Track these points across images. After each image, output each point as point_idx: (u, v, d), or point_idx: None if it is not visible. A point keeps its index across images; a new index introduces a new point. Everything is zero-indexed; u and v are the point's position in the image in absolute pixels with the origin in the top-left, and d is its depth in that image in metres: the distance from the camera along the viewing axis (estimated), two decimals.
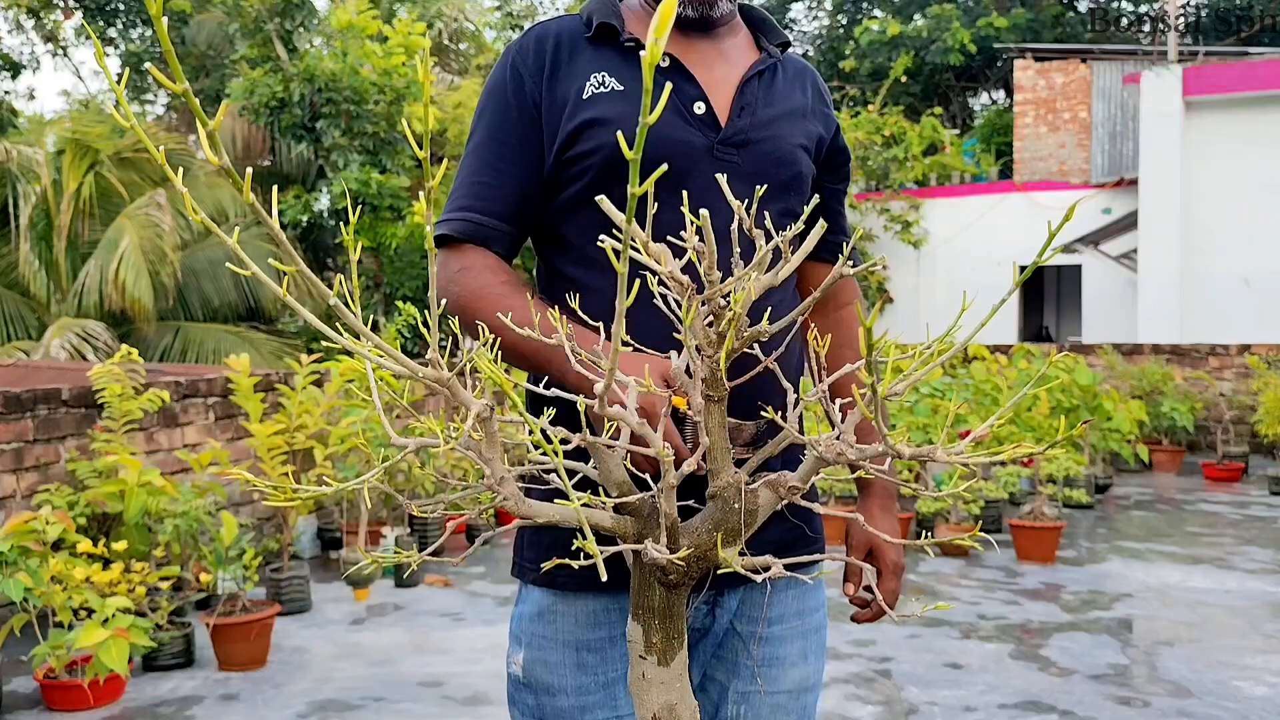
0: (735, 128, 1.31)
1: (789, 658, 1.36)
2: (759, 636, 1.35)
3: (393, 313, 11.14)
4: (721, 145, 1.30)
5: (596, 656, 1.29)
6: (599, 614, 1.29)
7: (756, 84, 1.35)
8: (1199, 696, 3.65)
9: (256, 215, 0.64)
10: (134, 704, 3.63)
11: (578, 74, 1.30)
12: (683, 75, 1.31)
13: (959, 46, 16.86)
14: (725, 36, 1.38)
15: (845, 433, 0.85)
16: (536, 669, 1.31)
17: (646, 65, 0.54)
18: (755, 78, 1.35)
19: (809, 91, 1.43)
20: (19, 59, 17.38)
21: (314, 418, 5.07)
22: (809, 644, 1.39)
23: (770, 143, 1.33)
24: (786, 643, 1.36)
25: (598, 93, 1.28)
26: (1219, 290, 12.02)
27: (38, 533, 3.45)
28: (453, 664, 4.04)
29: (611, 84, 1.29)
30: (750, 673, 1.34)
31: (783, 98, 1.38)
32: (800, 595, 1.39)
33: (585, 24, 1.34)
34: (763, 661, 1.35)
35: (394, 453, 4.14)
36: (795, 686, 1.37)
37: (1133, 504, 7.60)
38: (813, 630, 1.40)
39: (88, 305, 8.81)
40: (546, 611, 1.31)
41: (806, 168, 1.37)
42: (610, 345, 0.71)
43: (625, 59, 1.31)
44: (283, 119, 10.96)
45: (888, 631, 4.34)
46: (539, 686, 1.31)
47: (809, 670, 1.39)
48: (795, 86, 1.41)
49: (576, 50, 1.32)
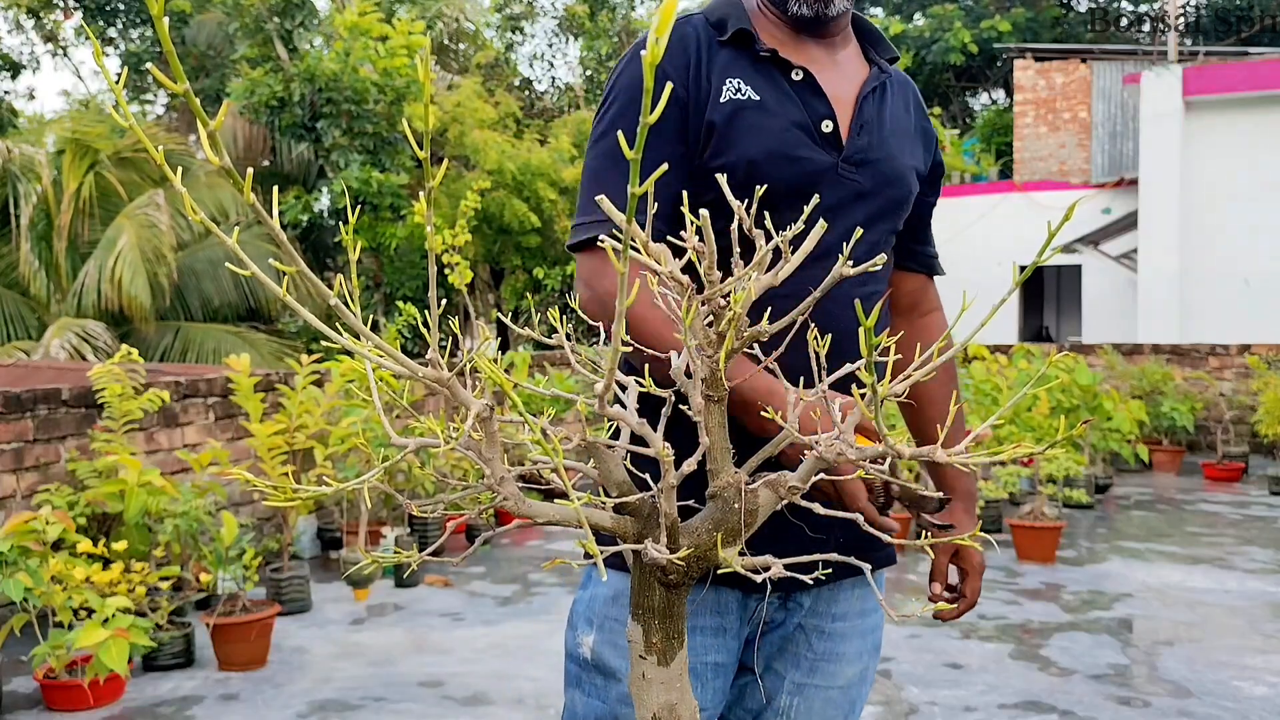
0: (855, 146, 1.31)
1: (848, 654, 1.40)
2: (824, 632, 1.39)
3: (393, 313, 11.15)
4: (844, 164, 1.30)
5: None
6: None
7: (872, 101, 1.35)
8: (1199, 696, 3.65)
9: (257, 215, 0.64)
10: (134, 704, 3.63)
11: (713, 76, 1.29)
12: (814, 92, 1.30)
13: (960, 46, 16.86)
14: (840, 46, 1.38)
15: (845, 432, 0.85)
16: (606, 651, 1.31)
17: (647, 66, 0.54)
18: (871, 94, 1.35)
19: (912, 107, 1.44)
20: (19, 59, 17.38)
21: (314, 418, 5.07)
22: (866, 642, 1.43)
23: (886, 163, 1.34)
24: (847, 640, 1.40)
25: (734, 99, 1.27)
26: (1219, 290, 12.02)
27: (38, 533, 3.45)
28: (453, 664, 4.04)
29: (748, 93, 1.28)
30: (810, 666, 1.38)
31: (894, 116, 1.38)
32: (864, 595, 1.42)
33: (715, 26, 1.32)
34: (823, 656, 1.38)
35: (394, 453, 4.14)
36: (849, 682, 1.41)
37: (1133, 504, 7.60)
38: (870, 630, 1.44)
39: (87, 305, 8.81)
40: (622, 595, 1.31)
41: (914, 186, 1.40)
42: (778, 390, 0.71)
43: (757, 68, 1.30)
44: (283, 119, 10.97)
45: (888, 631, 4.34)
46: (607, 670, 1.31)
47: (863, 667, 1.43)
48: (900, 103, 1.41)
49: (711, 52, 1.31)
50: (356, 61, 10.63)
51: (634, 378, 0.94)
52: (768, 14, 1.35)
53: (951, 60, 17.18)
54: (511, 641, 4.31)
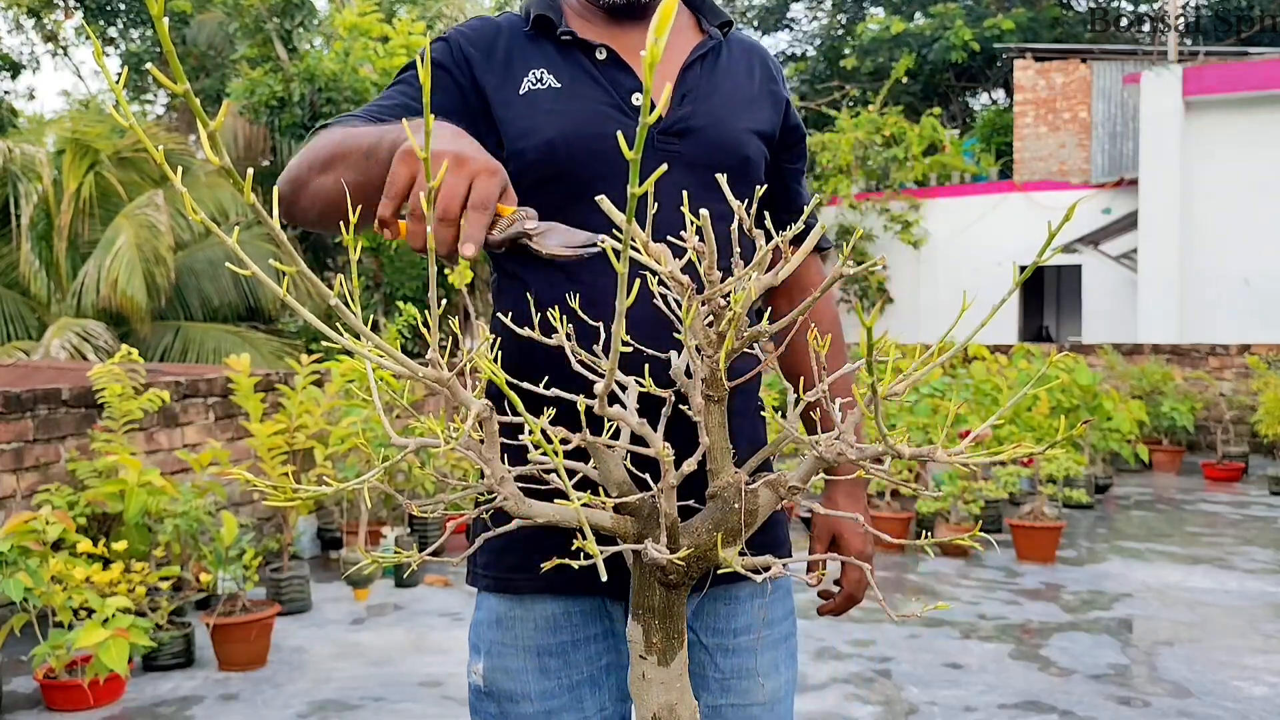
0: (675, 115, 1.27)
1: (760, 668, 1.32)
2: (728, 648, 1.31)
3: (393, 313, 11.15)
4: (662, 135, 1.26)
5: (559, 661, 1.26)
6: (559, 618, 1.27)
7: (699, 68, 1.31)
8: (1199, 696, 3.65)
9: (257, 215, 0.64)
10: (134, 704, 3.63)
11: (515, 69, 1.27)
12: (618, 67, 1.27)
13: (961, 45, 16.86)
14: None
15: (845, 432, 0.85)
16: (498, 677, 1.28)
17: (646, 66, 0.54)
18: (697, 62, 1.31)
19: (756, 71, 1.38)
20: (19, 59, 17.39)
21: (314, 418, 5.07)
22: (779, 653, 1.35)
23: (714, 129, 1.28)
24: (756, 654, 1.32)
25: (534, 90, 1.26)
26: (1219, 290, 12.02)
27: (38, 533, 3.45)
28: (453, 664, 4.04)
29: (549, 81, 1.26)
30: (720, 686, 1.31)
31: (727, 80, 1.33)
32: (769, 604, 1.35)
33: (524, 18, 1.31)
34: (733, 674, 1.31)
35: (394, 453, 4.14)
36: (769, 698, 1.33)
37: (1133, 504, 7.60)
38: (782, 639, 1.36)
39: (87, 305, 8.81)
40: (504, 618, 1.29)
41: (756, 151, 1.32)
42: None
43: (564, 55, 1.28)
44: (283, 119, 10.97)
45: (888, 631, 4.34)
46: (501, 694, 1.28)
47: (780, 681, 1.35)
48: (741, 67, 1.36)
49: (515, 45, 1.29)
50: (356, 61, 10.63)
51: (634, 378, 0.94)
52: (583, 3, 1.33)
53: (952, 59, 17.18)
54: None
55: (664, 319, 0.92)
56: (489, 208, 0.89)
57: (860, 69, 18.53)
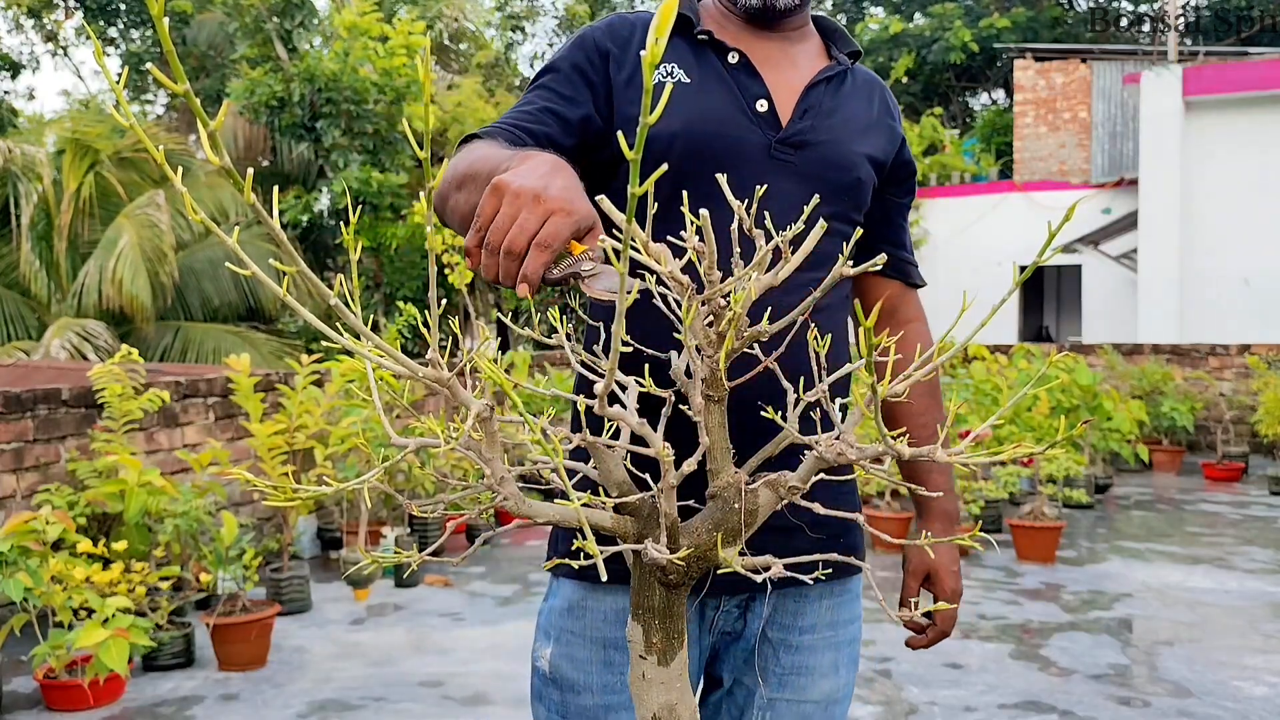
0: (795, 128, 1.30)
1: (820, 668, 1.34)
2: (791, 645, 1.33)
3: (393, 313, 11.15)
4: (779, 145, 1.29)
5: (624, 655, 1.26)
6: (629, 611, 1.29)
7: (823, 89, 1.34)
8: (1199, 696, 3.65)
9: (257, 215, 0.64)
10: (134, 704, 3.63)
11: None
12: (748, 72, 1.30)
13: (961, 45, 16.87)
14: (797, 41, 1.38)
15: (845, 432, 0.85)
16: (563, 665, 1.29)
17: (647, 65, 0.54)
18: (822, 83, 1.35)
19: (875, 103, 1.42)
20: (19, 59, 17.39)
21: (314, 418, 5.07)
22: (841, 655, 1.37)
23: (830, 147, 1.32)
24: (818, 652, 1.34)
25: (663, 80, 1.28)
26: (1219, 290, 12.02)
27: (38, 533, 3.45)
28: (453, 664, 4.04)
29: (679, 75, 1.29)
30: (778, 680, 1.33)
31: (848, 106, 1.37)
32: (835, 606, 1.37)
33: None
34: (792, 670, 1.33)
35: (394, 453, 4.14)
36: (824, 697, 1.35)
37: (1133, 504, 7.60)
38: (846, 642, 1.38)
39: (88, 305, 8.82)
40: (576, 606, 1.29)
41: (866, 175, 1.36)
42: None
43: (696, 53, 1.31)
44: (283, 119, 10.97)
45: (888, 631, 4.34)
46: (565, 683, 1.29)
47: (839, 682, 1.37)
48: (862, 97, 1.40)
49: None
50: (356, 61, 10.63)
51: (634, 378, 0.94)
52: (721, 8, 1.36)
53: (952, 59, 17.19)
54: (511, 641, 4.31)
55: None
56: (552, 247, 0.91)
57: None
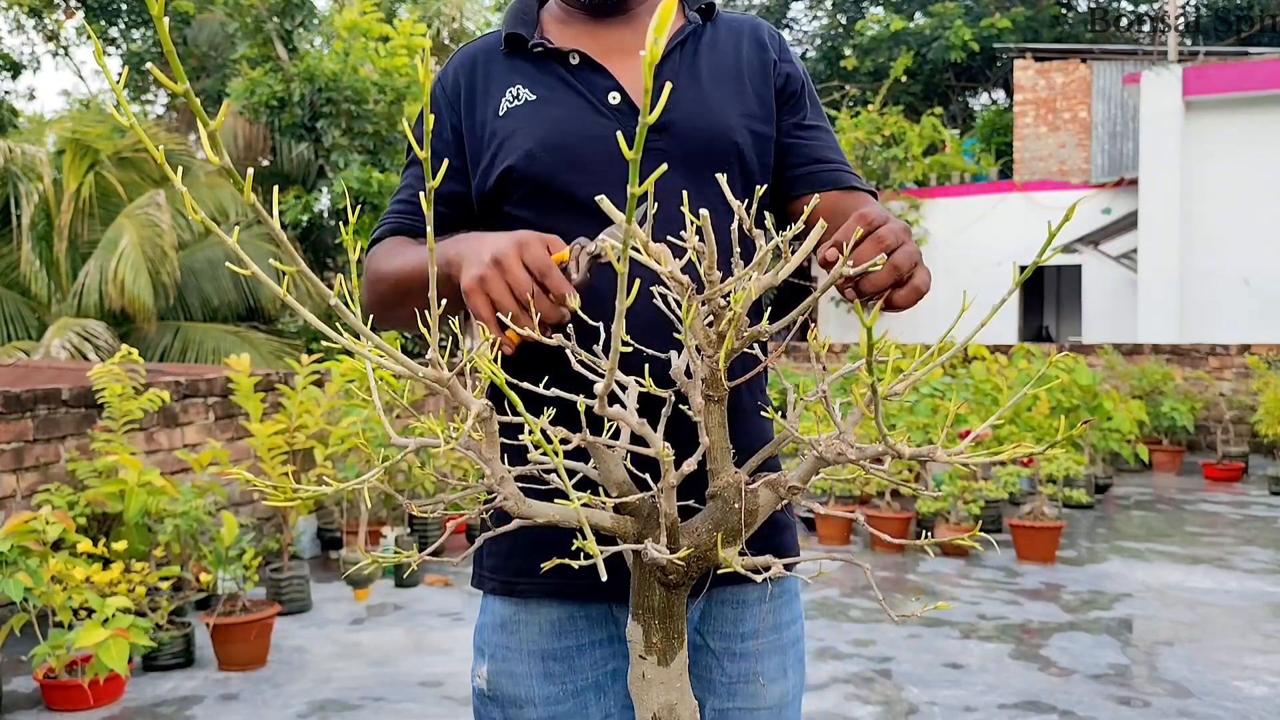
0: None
1: (767, 673, 1.31)
2: (735, 653, 1.30)
3: None
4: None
5: (563, 665, 1.25)
6: (563, 622, 1.26)
7: (677, 58, 1.28)
8: (1199, 696, 3.65)
9: (257, 215, 0.64)
10: (134, 704, 3.63)
11: (494, 93, 1.28)
12: (592, 69, 1.26)
13: (961, 44, 16.87)
14: (643, 16, 1.32)
15: (846, 432, 0.85)
16: (502, 681, 1.27)
17: (646, 65, 0.54)
18: (674, 51, 1.28)
19: (745, 47, 1.33)
20: (19, 59, 17.39)
21: (314, 418, 5.07)
22: (787, 658, 1.34)
23: (697, 119, 1.25)
24: (764, 658, 1.31)
25: (512, 108, 1.26)
26: (1219, 290, 12.02)
27: (38, 533, 3.45)
28: (453, 664, 4.04)
29: (525, 95, 1.26)
30: (727, 690, 1.29)
31: (709, 65, 1.29)
32: (775, 609, 1.33)
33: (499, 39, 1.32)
34: (740, 678, 1.29)
35: (394, 453, 4.14)
36: (776, 703, 1.32)
37: (1133, 504, 7.60)
38: (790, 643, 1.35)
39: (88, 305, 8.81)
40: (509, 621, 1.28)
41: (746, 138, 1.28)
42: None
43: (538, 66, 1.27)
44: (283, 119, 10.97)
45: (888, 631, 4.34)
46: (505, 699, 1.27)
47: (789, 685, 1.34)
48: (728, 48, 1.32)
49: (493, 68, 1.29)
50: (356, 61, 10.63)
51: (634, 378, 0.94)
52: (563, 7, 1.32)
53: (952, 58, 17.19)
54: None
55: (662, 318, 0.92)
56: (552, 267, 1.01)
57: (860, 69, 18.53)
